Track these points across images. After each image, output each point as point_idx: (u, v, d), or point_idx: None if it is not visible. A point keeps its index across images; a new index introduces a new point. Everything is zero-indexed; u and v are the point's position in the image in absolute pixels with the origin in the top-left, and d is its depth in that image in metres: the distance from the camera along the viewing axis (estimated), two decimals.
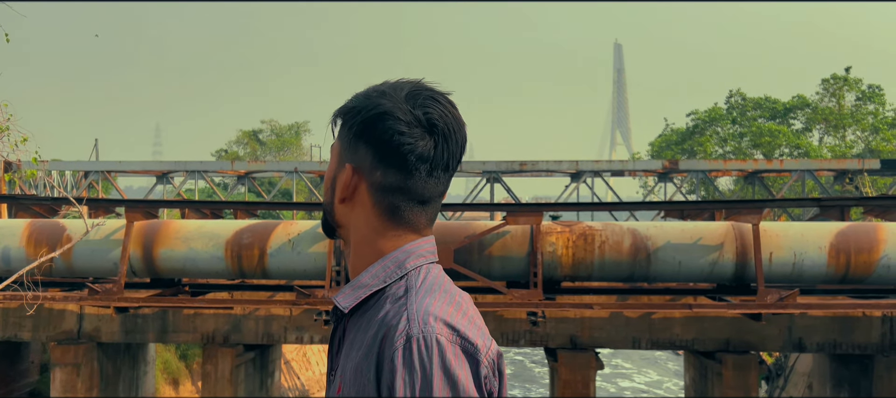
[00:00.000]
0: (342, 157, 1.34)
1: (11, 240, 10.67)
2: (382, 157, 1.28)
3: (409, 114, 1.27)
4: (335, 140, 1.37)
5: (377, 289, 1.28)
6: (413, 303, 1.21)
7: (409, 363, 1.15)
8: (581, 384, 12.82)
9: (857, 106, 28.36)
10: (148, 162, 20.94)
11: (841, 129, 28.21)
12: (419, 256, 1.31)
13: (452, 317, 1.21)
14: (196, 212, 11.69)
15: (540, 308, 9.77)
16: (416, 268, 1.29)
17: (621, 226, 10.24)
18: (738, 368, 12.49)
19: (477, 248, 10.28)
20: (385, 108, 1.28)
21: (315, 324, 13.09)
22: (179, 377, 20.14)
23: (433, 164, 1.30)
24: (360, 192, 1.32)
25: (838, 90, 28.30)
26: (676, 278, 10.11)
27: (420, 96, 1.29)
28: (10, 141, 7.91)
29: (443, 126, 1.29)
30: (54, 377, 13.34)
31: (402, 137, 1.27)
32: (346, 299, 1.29)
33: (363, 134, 1.29)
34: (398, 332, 1.17)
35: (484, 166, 20.14)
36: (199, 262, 10.50)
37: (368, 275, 1.29)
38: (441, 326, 1.18)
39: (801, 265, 9.72)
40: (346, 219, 1.35)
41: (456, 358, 1.16)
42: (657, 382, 30.50)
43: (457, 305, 1.24)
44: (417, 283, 1.26)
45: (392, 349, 1.17)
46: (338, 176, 1.34)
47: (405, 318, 1.19)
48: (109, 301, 9.73)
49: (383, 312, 1.23)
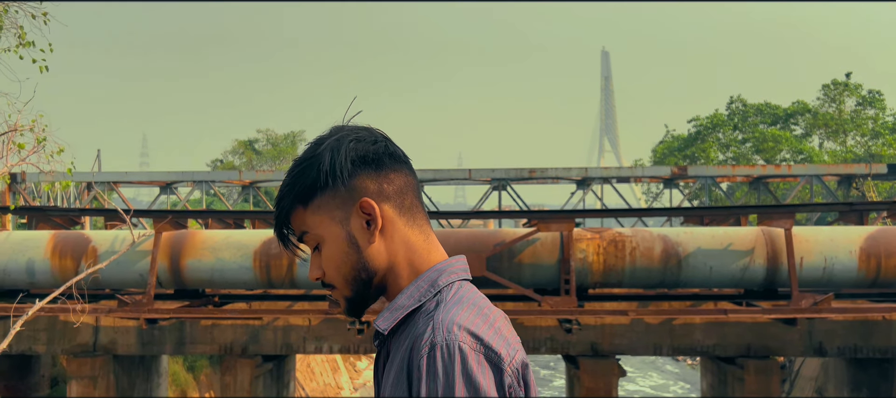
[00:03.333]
0: (342, 208, 1.36)
1: (36, 252, 10.55)
2: (379, 167, 1.37)
3: (350, 134, 1.38)
4: (313, 216, 1.37)
5: (413, 308, 1.33)
6: (440, 314, 1.27)
7: (432, 369, 1.19)
8: (604, 391, 12.81)
9: (857, 111, 28.68)
10: (154, 172, 20.81)
11: (841, 134, 28.50)
12: (451, 274, 1.36)
13: (477, 326, 1.25)
14: (219, 222, 11.60)
15: (574, 315, 9.76)
16: (449, 285, 1.34)
17: (651, 233, 10.27)
18: (760, 373, 12.53)
19: (507, 256, 10.27)
20: (341, 138, 1.37)
21: (335, 334, 13.02)
22: (187, 389, 19.95)
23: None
24: (386, 213, 1.36)
25: (839, 95, 28.61)
26: (707, 284, 10.14)
27: (333, 132, 1.40)
28: (46, 152, 7.80)
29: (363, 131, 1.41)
30: (70, 390, 13.17)
31: (376, 145, 1.38)
32: (386, 322, 1.34)
33: (358, 164, 1.36)
34: (423, 341, 1.23)
35: (493, 173, 20.17)
36: (227, 273, 10.42)
37: (404, 296, 1.35)
38: (464, 335, 1.22)
39: (832, 269, 9.77)
40: (382, 256, 1.37)
41: (479, 365, 1.20)
42: (662, 386, 30.59)
43: (484, 317, 1.28)
44: (448, 298, 1.31)
45: (418, 357, 1.22)
46: (350, 231, 1.36)
47: (431, 328, 1.24)
48: (140, 313, 9.63)
49: (417, 327, 1.28)
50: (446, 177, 20.35)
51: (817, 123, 29.14)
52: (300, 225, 1.39)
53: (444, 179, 20.62)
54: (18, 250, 10.60)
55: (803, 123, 30.19)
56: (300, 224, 1.39)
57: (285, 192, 1.39)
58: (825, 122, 28.79)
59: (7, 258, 10.60)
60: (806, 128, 30.14)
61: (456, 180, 20.89)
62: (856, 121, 28.38)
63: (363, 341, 13.15)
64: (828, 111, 29.02)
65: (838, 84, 28.75)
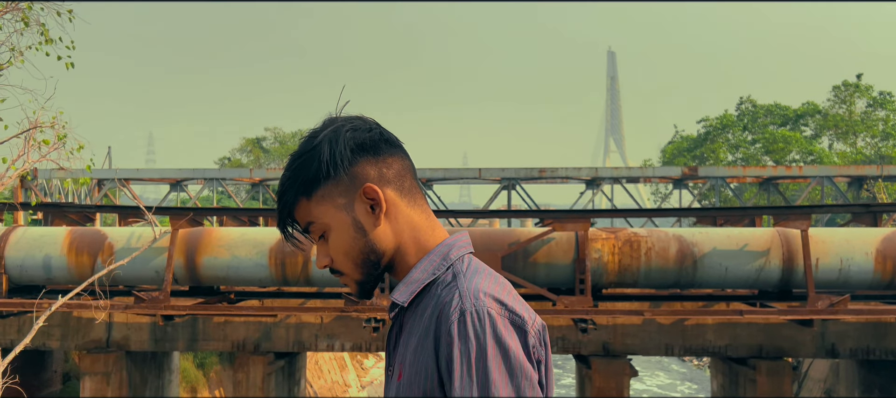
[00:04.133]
0: (345, 196, 1.39)
1: (53, 248, 10.59)
2: (376, 153, 1.41)
3: (346, 124, 1.42)
4: (317, 206, 1.40)
5: (428, 281, 1.38)
6: (463, 283, 1.32)
7: (464, 334, 1.24)
8: (615, 391, 12.80)
9: (867, 112, 28.56)
10: (165, 170, 20.86)
11: (851, 136, 28.38)
12: (460, 248, 1.42)
13: (499, 293, 1.31)
14: (233, 220, 11.63)
15: (590, 315, 9.76)
16: (460, 258, 1.40)
17: (667, 233, 10.26)
18: (772, 374, 12.51)
19: (522, 256, 10.27)
20: (337, 128, 1.40)
21: (347, 332, 13.05)
22: (197, 385, 20.00)
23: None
24: (389, 196, 1.40)
25: (849, 97, 28.48)
26: (722, 284, 10.12)
27: (327, 124, 1.43)
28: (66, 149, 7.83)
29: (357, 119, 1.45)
30: (84, 386, 13.22)
31: (372, 131, 1.42)
32: (403, 295, 1.39)
33: (357, 151, 1.39)
34: (452, 308, 1.28)
35: (503, 173, 20.16)
36: (242, 270, 10.45)
37: (418, 270, 1.40)
38: (491, 301, 1.28)
39: (848, 271, 9.76)
40: (388, 237, 1.41)
41: (506, 329, 1.26)
42: (669, 385, 30.56)
43: (501, 284, 1.34)
44: (463, 269, 1.37)
45: (448, 323, 1.26)
46: (356, 216, 1.39)
47: (458, 295, 1.29)
48: (156, 309, 9.67)
49: (436, 298, 1.34)
50: (456, 176, 20.35)
51: (827, 125, 29.03)
52: (305, 216, 1.42)
53: (454, 178, 20.61)
54: (35, 246, 10.65)
55: (813, 125, 30.08)
56: (305, 215, 1.41)
57: (288, 186, 1.41)
58: (835, 123, 28.67)
59: (24, 254, 10.65)
60: (816, 129, 30.03)
61: (466, 179, 20.88)
62: (866, 122, 28.27)
63: (376, 339, 13.17)
64: (838, 112, 28.90)
65: (849, 85, 28.63)
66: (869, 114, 28.49)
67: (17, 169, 7.55)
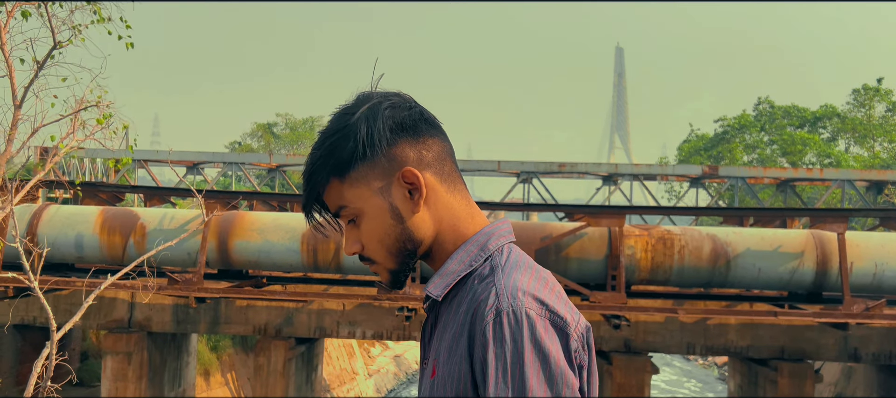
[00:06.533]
0: (382, 179, 1.30)
1: (85, 227, 10.59)
2: (416, 134, 1.31)
3: (384, 101, 1.31)
4: (351, 189, 1.31)
5: (465, 274, 1.29)
6: (500, 279, 1.22)
7: (499, 336, 1.15)
8: (636, 388, 12.82)
9: (886, 117, 28.48)
10: (184, 152, 20.84)
11: (869, 140, 28.30)
12: (500, 237, 1.32)
13: (540, 291, 1.20)
14: (263, 204, 11.64)
15: (622, 311, 9.76)
16: (499, 249, 1.30)
17: (700, 232, 10.24)
18: (794, 376, 12.52)
19: (554, 250, 10.27)
20: (374, 105, 1.30)
21: (368, 319, 13.07)
22: (210, 368, 20.05)
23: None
24: (428, 181, 1.31)
25: (869, 100, 28.40)
26: (755, 285, 10.12)
27: (363, 100, 1.32)
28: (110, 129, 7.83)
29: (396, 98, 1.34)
30: (105, 365, 13.28)
31: (412, 110, 1.32)
32: (437, 288, 1.30)
33: (396, 131, 1.29)
34: (488, 307, 1.18)
35: (522, 166, 20.14)
36: (274, 255, 10.46)
37: (454, 261, 1.31)
38: (530, 300, 1.18)
39: (882, 275, 9.75)
40: (427, 225, 1.32)
41: (546, 331, 1.16)
42: (676, 382, 30.62)
43: (543, 280, 1.24)
44: (502, 262, 1.27)
45: (483, 324, 1.17)
46: (393, 202, 1.30)
47: (494, 293, 1.19)
48: (190, 291, 9.68)
49: (472, 292, 1.24)
50: (475, 168, 20.32)
51: (845, 128, 28.96)
52: (337, 199, 1.32)
53: (472, 170, 20.59)
54: (68, 224, 10.66)
55: (831, 127, 30.01)
56: (336, 198, 1.32)
57: (318, 166, 1.31)
58: (853, 126, 28.60)
59: (56, 232, 10.66)
60: (833, 132, 29.96)
61: (485, 172, 20.85)
62: (885, 126, 28.19)
63: (396, 327, 13.19)
64: (856, 116, 28.83)
65: (869, 89, 28.57)
66: (888, 118, 28.43)
67: (64, 147, 7.56)
